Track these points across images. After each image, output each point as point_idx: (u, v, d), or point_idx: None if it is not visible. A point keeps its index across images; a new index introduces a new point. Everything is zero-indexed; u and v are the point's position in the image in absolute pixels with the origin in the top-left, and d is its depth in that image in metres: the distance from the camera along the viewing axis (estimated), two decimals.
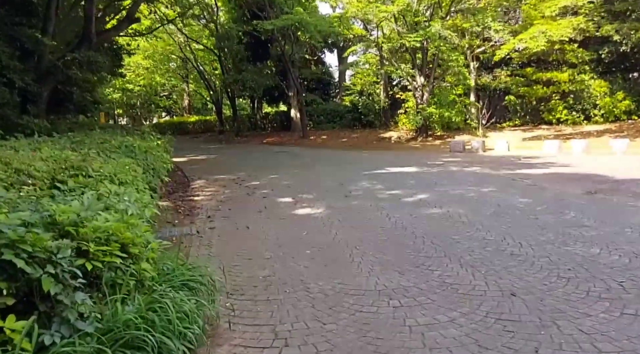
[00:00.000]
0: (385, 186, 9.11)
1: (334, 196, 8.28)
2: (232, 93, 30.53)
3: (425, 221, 6.14)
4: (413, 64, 20.03)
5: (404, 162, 13.59)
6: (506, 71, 22.69)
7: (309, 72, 29.97)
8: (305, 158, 15.95)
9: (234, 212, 7.26)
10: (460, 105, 20.88)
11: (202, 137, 34.62)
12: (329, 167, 12.90)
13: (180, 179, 11.37)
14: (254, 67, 27.48)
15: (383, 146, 20.11)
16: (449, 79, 22.14)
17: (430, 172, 11.08)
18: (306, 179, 10.62)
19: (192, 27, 32.53)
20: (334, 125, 29.46)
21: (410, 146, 19.28)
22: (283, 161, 14.98)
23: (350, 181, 9.89)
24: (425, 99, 19.74)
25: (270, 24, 20.20)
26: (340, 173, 11.41)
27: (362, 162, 14.07)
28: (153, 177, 6.84)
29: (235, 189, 9.51)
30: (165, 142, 11.09)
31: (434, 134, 20.77)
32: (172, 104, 45.86)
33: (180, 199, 8.64)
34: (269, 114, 34.63)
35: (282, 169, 12.64)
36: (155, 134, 14.08)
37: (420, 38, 17.61)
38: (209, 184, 10.34)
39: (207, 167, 13.98)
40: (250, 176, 11.41)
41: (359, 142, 22.22)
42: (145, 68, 36.57)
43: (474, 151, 15.92)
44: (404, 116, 26.36)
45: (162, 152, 9.75)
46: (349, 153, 17.78)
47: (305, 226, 6.14)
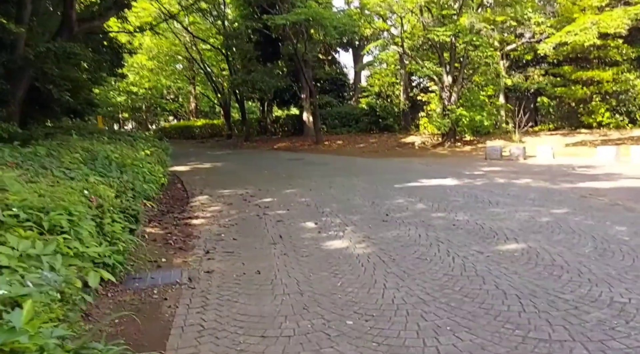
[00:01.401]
0: (428, 205, 7.41)
1: (368, 219, 6.61)
2: (241, 95, 29.06)
3: (506, 265, 4.44)
4: (440, 62, 18.31)
5: (438, 172, 11.88)
6: (539, 70, 20.89)
7: (323, 73, 28.39)
8: (322, 167, 14.31)
9: (241, 244, 5.62)
10: (490, 107, 19.13)
11: (209, 142, 33.24)
12: (351, 178, 11.23)
13: (178, 194, 9.77)
14: (264, 68, 25.97)
15: (406, 152, 18.40)
16: (476, 78, 20.39)
17: (475, 186, 9.36)
18: (327, 194, 8.96)
19: (198, 26, 31.23)
20: (350, 129, 27.88)
21: (437, 152, 17.54)
22: (297, 171, 13.35)
23: (383, 198, 8.22)
24: (453, 100, 18.01)
25: (282, 18, 18.65)
26: (367, 186, 9.75)
27: (388, 171, 12.38)
28: (134, 200, 5.23)
29: (242, 208, 7.88)
30: (159, 151, 9.52)
31: (461, 139, 19.02)
32: (178, 108, 44.60)
33: (174, 222, 7.02)
34: (279, 117, 33.14)
35: (297, 181, 11.00)
36: (152, 140, 12.56)
37: (451, 32, 15.89)
38: (211, 201, 8.72)
39: (211, 178, 12.40)
40: (261, 190, 9.78)
41: (379, 148, 20.53)
42: (150, 69, 35.31)
43: (514, 159, 14.15)
44: (425, 119, 24.73)
45: (155, 163, 8.19)
46: (370, 161, 16.10)
47: (339, 270, 4.48)
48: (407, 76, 25.16)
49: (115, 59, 22.94)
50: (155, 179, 7.67)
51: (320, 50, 27.37)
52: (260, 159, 18.21)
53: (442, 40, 16.18)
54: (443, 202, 7.58)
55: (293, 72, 27.50)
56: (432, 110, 24.00)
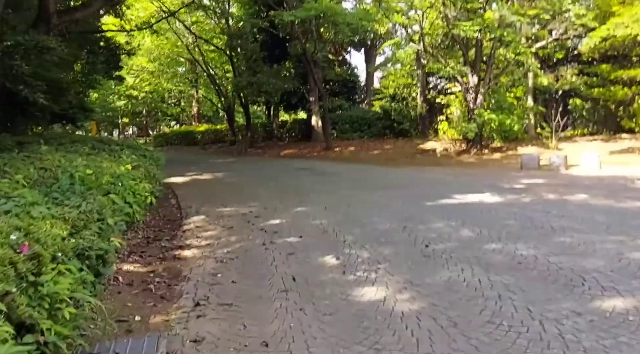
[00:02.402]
0: (475, 232, 6.13)
1: (404, 252, 5.35)
2: (245, 99, 27.95)
3: (626, 339, 3.15)
4: (464, 60, 17.04)
5: (471, 185, 10.59)
6: (573, 69, 19.54)
7: (333, 74, 27.19)
8: (335, 178, 13.08)
9: (242, 291, 4.39)
10: (520, 110, 17.82)
11: (211, 148, 32.17)
12: (370, 192, 9.98)
13: (170, 214, 8.58)
14: (270, 69, 24.83)
15: (428, 160, 17.11)
16: (502, 79, 19.07)
17: (524, 204, 8.06)
18: (346, 214, 7.72)
19: (201, 26, 30.23)
20: (362, 134, 26.62)
21: (462, 160, 16.24)
22: (308, 183, 12.13)
23: (415, 220, 6.95)
24: (479, 102, 16.71)
25: (290, 15, 17.51)
26: (393, 203, 8.49)
27: (413, 184, 11.11)
28: (100, 236, 4.01)
29: (245, 234, 6.66)
30: (148, 163, 8.34)
31: (488, 146, 17.69)
32: (179, 112, 43.61)
33: (160, 254, 5.82)
34: (286, 122, 31.99)
35: (308, 196, 9.78)
36: (144, 149, 11.41)
37: (479, 26, 14.63)
38: (209, 223, 7.51)
39: (210, 192, 11.21)
40: (267, 208, 8.56)
41: (396, 155, 19.26)
42: (151, 72, 34.32)
43: (554, 169, 12.82)
44: (445, 124, 23.45)
45: (142, 179, 6.99)
46: (389, 171, 14.83)
47: (380, 343, 3.23)
48: (424, 77, 23.90)
49: (112, 60, 21.94)
50: (138, 200, 6.46)
51: (330, 50, 26.21)
52: (266, 169, 17.01)
53: (470, 36, 14.91)
54: (493, 228, 6.30)
55: (301, 73, 26.36)
56: (451, 113, 22.72)
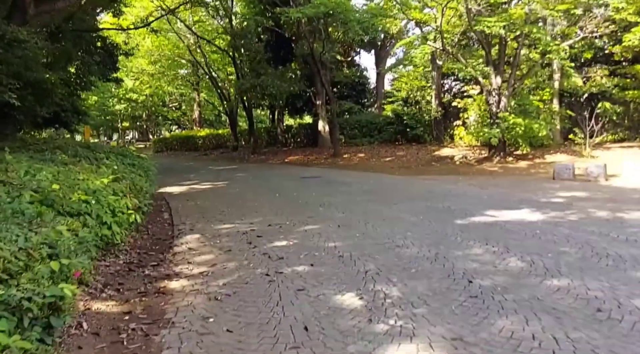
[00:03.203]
0: (525, 261, 5.13)
1: (443, 289, 4.36)
2: (249, 102, 27.12)
3: None
4: (487, 60, 16.07)
5: (503, 198, 9.59)
6: (602, 70, 18.52)
7: (342, 76, 26.30)
8: (346, 188, 12.11)
9: (239, 349, 3.42)
10: (546, 114, 16.82)
11: (213, 154, 31.36)
12: (389, 206, 9.01)
13: (161, 232, 7.64)
14: (275, 71, 23.98)
15: (446, 168, 16.12)
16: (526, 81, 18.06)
17: (573, 224, 7.05)
18: (365, 235, 6.74)
19: (203, 26, 29.52)
20: (371, 140, 25.72)
21: (484, 169, 15.23)
22: (316, 194, 11.17)
23: (448, 244, 5.97)
24: (502, 105, 15.72)
25: (298, 11, 16.64)
26: (417, 221, 7.51)
27: (435, 196, 10.12)
28: (51, 280, 3.08)
29: (245, 260, 5.70)
30: (136, 173, 7.42)
31: (512, 153, 16.67)
32: (180, 116, 42.87)
33: (142, 287, 4.87)
34: (291, 127, 31.14)
35: (318, 210, 8.82)
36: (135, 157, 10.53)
37: (504, 22, 13.66)
38: (204, 244, 6.57)
39: (209, 204, 10.27)
40: (271, 225, 7.61)
41: (410, 163, 18.28)
42: (151, 74, 33.63)
43: (592, 179, 11.78)
44: (461, 129, 22.52)
45: (126, 193, 6.07)
46: (405, 180, 13.85)
47: None
48: (439, 79, 22.95)
49: (108, 61, 21.16)
50: (120, 219, 5.54)
51: (338, 51, 25.33)
52: (270, 177, 16.08)
53: (495, 32, 13.93)
54: (546, 256, 5.30)
55: (307, 75, 25.53)
56: (469, 118, 21.78)
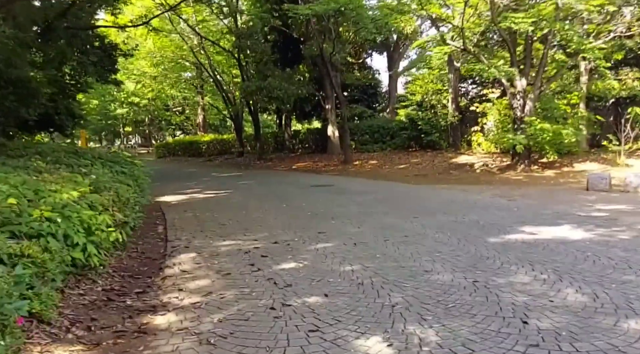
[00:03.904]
0: (587, 295, 4.27)
1: (494, 332, 3.51)
2: (255, 106, 26.43)
3: None
4: (511, 61, 15.22)
5: (536, 211, 8.71)
6: (634, 73, 17.60)
7: (352, 79, 25.54)
8: (360, 198, 11.29)
9: None
10: (575, 119, 15.93)
11: (217, 160, 30.69)
12: (409, 219, 8.16)
13: (152, 249, 6.85)
14: (283, 73, 23.29)
15: (466, 177, 15.25)
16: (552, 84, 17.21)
17: (629, 244, 6.16)
18: (386, 255, 5.91)
19: (208, 27, 28.95)
20: (383, 146, 24.93)
21: (508, 178, 14.35)
22: (327, 205, 10.36)
23: (486, 268, 5.13)
24: (528, 110, 14.85)
25: (307, 8, 15.94)
26: (444, 239, 6.66)
27: (459, 208, 9.26)
28: None
29: (247, 287, 4.89)
30: (125, 182, 6.66)
31: (537, 161, 15.79)
32: (184, 121, 42.32)
33: (120, 324, 4.06)
34: (299, 132, 30.42)
35: (330, 224, 8.00)
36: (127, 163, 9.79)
37: (533, 18, 12.81)
38: (199, 265, 5.77)
39: (209, 216, 9.49)
40: (278, 242, 6.81)
41: (427, 171, 17.43)
42: (153, 77, 33.10)
43: (631, 190, 10.88)
44: (479, 135, 21.72)
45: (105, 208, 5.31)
46: (423, 189, 13.00)
47: None
48: (456, 82, 22.13)
49: (107, 62, 20.60)
50: (98, 238, 4.77)
51: (349, 52, 24.61)
52: (277, 185, 15.31)
53: (524, 29, 13.05)
54: (609, 287, 4.44)
55: (316, 78, 24.83)
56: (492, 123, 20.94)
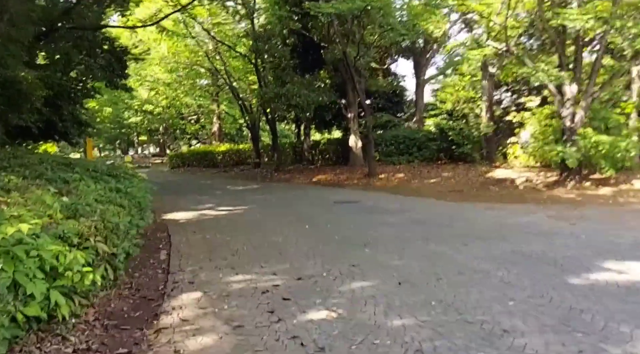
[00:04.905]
0: None
1: None
2: (272, 114, 25.43)
3: None
4: (560, 64, 13.90)
5: (608, 239, 7.35)
6: None
7: (377, 85, 24.39)
8: (392, 218, 10.04)
9: None
10: (631, 130, 14.52)
11: (232, 171, 29.73)
12: (458, 248, 6.90)
13: (149, 283, 5.72)
14: (302, 79, 22.26)
15: (508, 195, 13.89)
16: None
17: None
18: (443, 303, 4.67)
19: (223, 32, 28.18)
20: (410, 158, 23.63)
21: (558, 196, 12.95)
22: (357, 227, 9.14)
23: (584, 328, 3.86)
24: (579, 119, 13.48)
25: (330, 6, 14.89)
26: (510, 276, 5.39)
27: (514, 234, 7.94)
28: None
29: (265, 350, 3.70)
30: (112, 204, 5.59)
31: (588, 176, 14.37)
32: (199, 130, 41.60)
33: None
34: (319, 142, 29.30)
35: (364, 254, 6.79)
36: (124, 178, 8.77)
37: (590, 15, 11.51)
38: (204, 312, 4.61)
39: (220, 239, 8.35)
40: (302, 278, 5.61)
41: (462, 186, 16.10)
42: (167, 84, 32.44)
43: None
44: (516, 147, 20.37)
45: (80, 242, 4.19)
46: (463, 208, 11.68)
47: None
48: (491, 89, 20.83)
49: (117, 66, 19.86)
50: (68, 280, 3.65)
51: (374, 57, 23.51)
52: (297, 200, 14.17)
53: (581, 26, 11.73)
54: None
55: (338, 84, 23.75)
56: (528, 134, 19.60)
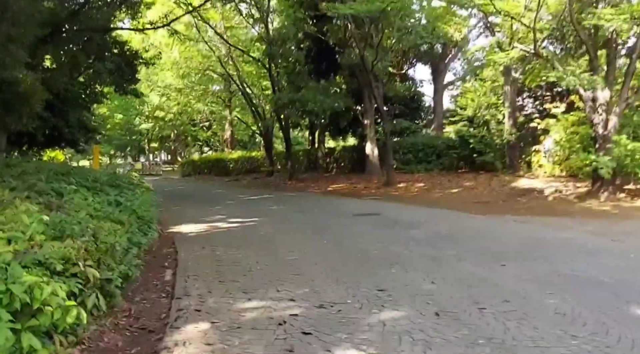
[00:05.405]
0: None
1: None
2: (286, 121, 24.89)
3: None
4: (592, 68, 13.17)
5: None
6: None
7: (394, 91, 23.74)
8: (417, 232, 9.33)
9: None
10: None
11: (245, 179, 29.22)
12: (495, 270, 6.19)
13: (151, 308, 5.10)
14: (317, 84, 21.71)
15: (537, 206, 13.11)
16: None
17: None
18: (491, 341, 3.96)
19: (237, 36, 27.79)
20: (428, 166, 22.96)
21: (592, 208, 12.15)
22: (379, 242, 8.45)
23: None
24: (612, 126, 12.71)
25: (348, 7, 14.31)
26: (560, 306, 4.67)
27: (554, 253, 7.20)
28: None
29: None
30: (108, 220, 5.01)
31: (622, 187, 13.56)
32: (211, 137, 41.24)
33: None
34: (333, 149, 28.71)
35: (391, 275, 6.10)
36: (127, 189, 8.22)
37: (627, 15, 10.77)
38: (211, 350, 3.97)
39: (231, 256, 7.72)
40: (324, 305, 4.94)
41: (486, 197, 15.35)
42: (179, 89, 32.11)
43: None
44: (540, 156, 19.63)
45: (50, 284, 3.59)
46: (491, 222, 10.92)
47: None
48: (514, 95, 20.07)
49: (127, 70, 19.49)
50: (43, 322, 3.04)
51: (392, 61, 22.88)
52: (313, 211, 13.54)
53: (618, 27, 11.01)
54: None
55: (354, 90, 23.17)
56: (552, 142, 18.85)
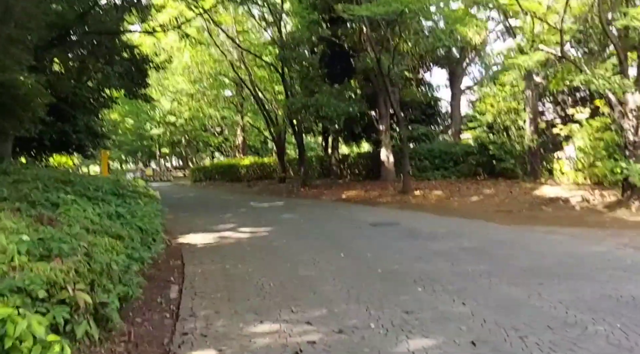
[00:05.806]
0: None
1: None
2: (299, 126, 24.46)
3: None
4: (621, 70, 12.52)
5: None
6: None
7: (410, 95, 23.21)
8: (441, 245, 8.75)
9: None
10: None
11: (257, 186, 28.79)
12: (533, 290, 5.59)
13: (152, 332, 4.61)
14: (331, 89, 21.25)
15: (565, 216, 12.44)
16: None
17: None
18: None
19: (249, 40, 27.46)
20: (445, 173, 22.35)
21: (622, 219, 11.45)
22: (402, 256, 7.88)
23: None
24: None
25: (365, 9, 13.83)
26: (615, 335, 4.08)
27: (592, 270, 6.56)
28: None
29: None
30: (106, 235, 4.55)
31: None
32: (222, 142, 40.96)
33: None
34: (347, 156, 28.19)
35: (418, 296, 5.54)
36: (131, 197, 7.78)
37: None
38: None
39: (242, 271, 7.22)
40: (344, 331, 4.40)
41: (509, 205, 14.68)
42: (190, 94, 31.87)
43: None
44: (562, 162, 18.98)
45: (27, 318, 3.07)
46: (516, 232, 10.27)
47: None
48: (535, 100, 19.40)
49: (137, 75, 19.22)
50: None
51: (408, 65, 22.36)
52: (327, 221, 13.02)
53: None
54: None
55: (369, 95, 22.68)
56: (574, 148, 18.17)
